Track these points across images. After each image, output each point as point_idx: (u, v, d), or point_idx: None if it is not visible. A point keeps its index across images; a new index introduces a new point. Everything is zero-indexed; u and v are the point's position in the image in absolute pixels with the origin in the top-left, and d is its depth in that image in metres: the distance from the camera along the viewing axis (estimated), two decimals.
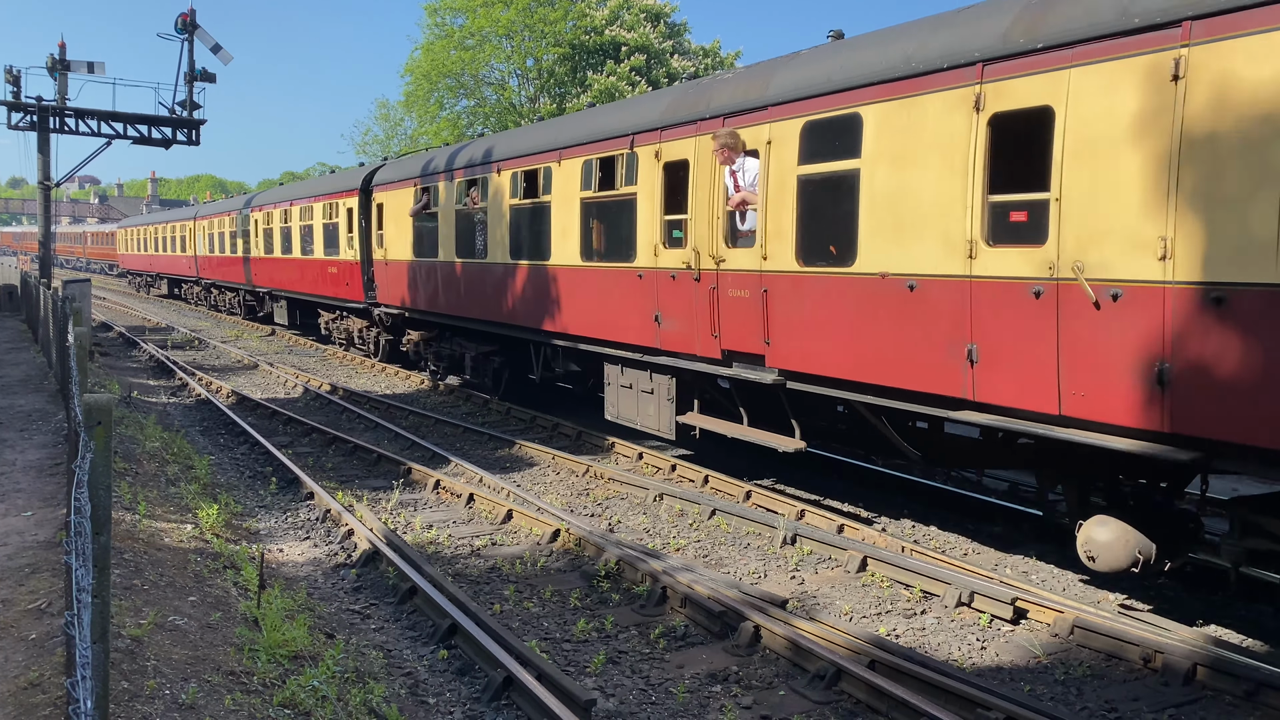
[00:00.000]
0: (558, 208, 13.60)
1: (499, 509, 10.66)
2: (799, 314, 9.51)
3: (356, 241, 21.48)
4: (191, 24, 28.44)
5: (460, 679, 6.70)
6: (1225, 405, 6.16)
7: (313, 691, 5.79)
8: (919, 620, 7.79)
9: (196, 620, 6.67)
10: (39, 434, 11.94)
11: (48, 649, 5.57)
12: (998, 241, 7.54)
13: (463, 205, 16.39)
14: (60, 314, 13.51)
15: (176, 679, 5.53)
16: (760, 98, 9.96)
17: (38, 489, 9.31)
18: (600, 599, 8.27)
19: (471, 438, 14.90)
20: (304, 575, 8.84)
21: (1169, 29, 6.38)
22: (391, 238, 19.69)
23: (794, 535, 9.59)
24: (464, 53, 41.57)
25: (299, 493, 11.56)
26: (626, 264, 12.13)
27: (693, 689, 6.56)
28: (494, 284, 15.56)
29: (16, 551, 7.40)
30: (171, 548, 8.39)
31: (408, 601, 8.04)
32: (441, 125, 42.99)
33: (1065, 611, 7.44)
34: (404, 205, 18.83)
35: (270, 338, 30.10)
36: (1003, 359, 7.48)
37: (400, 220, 19.14)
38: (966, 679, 6.33)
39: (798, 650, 6.84)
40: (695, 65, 40.17)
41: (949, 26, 8.20)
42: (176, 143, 30.47)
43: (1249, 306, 6.00)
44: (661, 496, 11.23)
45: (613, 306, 12.49)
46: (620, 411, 12.81)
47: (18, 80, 28.34)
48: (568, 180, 13.34)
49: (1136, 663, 6.84)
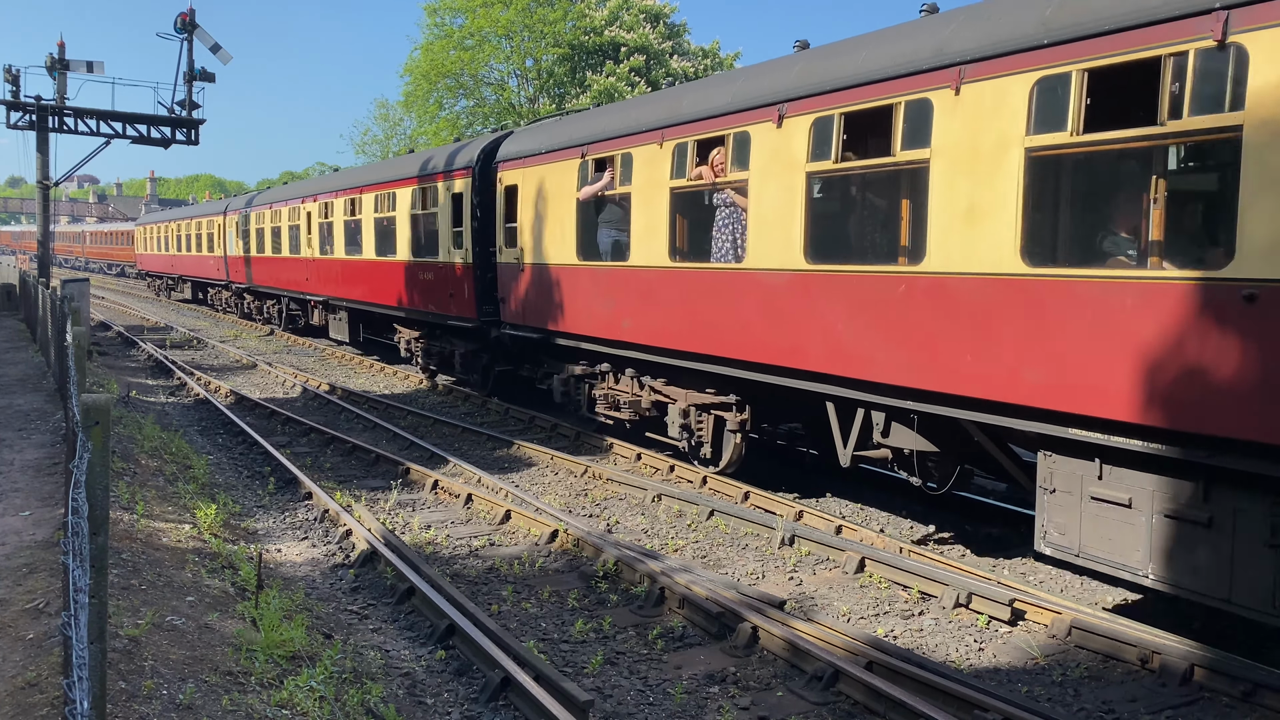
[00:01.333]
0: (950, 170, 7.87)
1: (497, 509, 10.65)
2: None
3: (468, 239, 16.34)
4: (191, 23, 28.42)
5: (458, 679, 6.70)
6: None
7: (310, 692, 5.79)
8: (917, 621, 7.79)
9: (194, 620, 6.67)
10: (37, 433, 11.93)
11: (45, 649, 5.57)
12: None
13: (690, 181, 10.95)
14: (59, 313, 13.50)
15: (174, 679, 5.52)
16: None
17: (35, 488, 9.31)
18: (598, 600, 8.27)
19: (470, 438, 14.90)
20: (302, 575, 8.83)
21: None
22: (534, 232, 14.30)
23: (792, 536, 9.59)
24: (463, 53, 41.57)
25: (297, 492, 11.55)
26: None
27: (690, 690, 6.56)
28: (765, 305, 9.89)
29: (14, 551, 7.39)
30: (169, 547, 8.39)
31: (405, 602, 8.03)
32: (441, 125, 43.00)
33: (1063, 613, 7.44)
34: (560, 186, 13.59)
35: (269, 338, 30.07)
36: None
37: (554, 208, 13.82)
38: (964, 680, 6.33)
39: (795, 651, 6.84)
40: (694, 66, 40.20)
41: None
42: (175, 142, 30.45)
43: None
44: (660, 497, 11.23)
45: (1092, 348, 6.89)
46: (1083, 545, 7.29)
47: (17, 79, 28.32)
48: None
49: (1134, 664, 6.84)
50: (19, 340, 23.03)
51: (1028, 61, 7.23)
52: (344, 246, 22.76)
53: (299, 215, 26.04)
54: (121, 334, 29.74)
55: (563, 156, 13.61)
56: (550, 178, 13.91)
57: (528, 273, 14.60)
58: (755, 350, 10.10)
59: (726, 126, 10.39)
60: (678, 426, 12.03)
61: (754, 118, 10.00)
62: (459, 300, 16.93)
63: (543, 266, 14.11)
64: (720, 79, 12.67)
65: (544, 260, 14.05)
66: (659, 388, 12.37)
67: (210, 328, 33.19)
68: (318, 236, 24.43)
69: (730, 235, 10.50)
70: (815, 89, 9.25)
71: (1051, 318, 7.09)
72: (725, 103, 10.54)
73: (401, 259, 19.39)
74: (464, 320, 16.96)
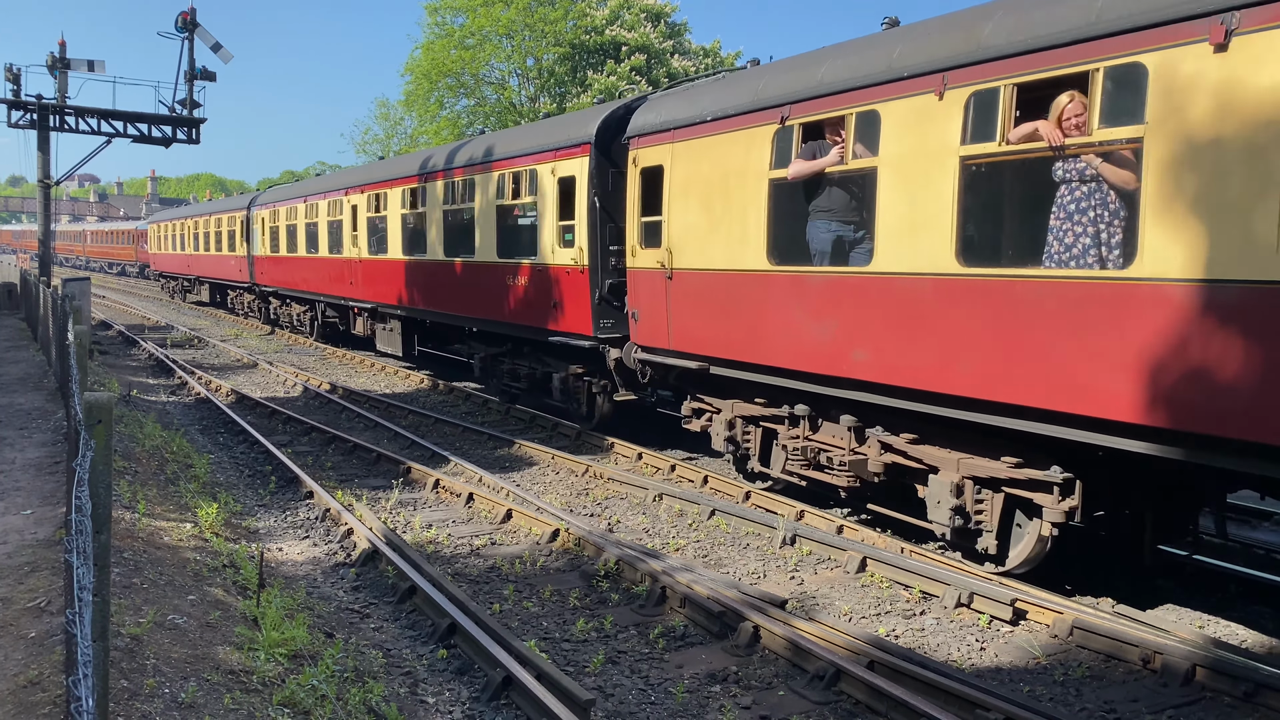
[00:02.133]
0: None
1: (498, 508, 10.65)
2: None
3: (583, 235, 13.22)
4: (192, 22, 28.44)
5: (459, 678, 6.70)
6: None
7: (312, 690, 5.79)
8: (918, 621, 7.79)
9: (196, 619, 6.67)
10: (39, 432, 11.94)
11: (47, 647, 5.57)
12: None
13: (1005, 147, 7.53)
14: (60, 312, 13.50)
15: (176, 678, 5.53)
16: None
17: (37, 487, 9.31)
18: (600, 599, 8.27)
19: (471, 437, 14.90)
20: (303, 574, 8.83)
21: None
22: (691, 227, 10.93)
23: (793, 535, 9.59)
24: (464, 52, 41.56)
25: (298, 492, 11.55)
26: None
27: (692, 689, 6.56)
28: (1178, 337, 6.48)
29: (16, 550, 7.40)
30: (171, 546, 8.39)
31: (407, 601, 8.04)
32: (442, 124, 43.00)
33: (1064, 613, 7.44)
34: (736, 165, 10.21)
35: (270, 336, 30.07)
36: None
37: (727, 194, 10.35)
38: (966, 680, 6.33)
39: (797, 650, 6.84)
40: (695, 65, 40.18)
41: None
42: (176, 141, 30.47)
43: None
44: (661, 496, 11.23)
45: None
46: None
47: (18, 78, 28.33)
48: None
49: (1136, 664, 6.84)
50: (20, 339, 23.03)
51: None
52: (402, 245, 19.36)
53: (341, 209, 22.80)
54: (122, 333, 29.75)
55: (743, 123, 10.13)
56: (719, 154, 10.46)
57: (679, 281, 11.15)
58: (1141, 407, 6.65)
59: (1092, 57, 6.80)
60: (945, 508, 8.54)
61: (1163, 38, 6.39)
62: (568, 312, 13.68)
63: (705, 273, 10.75)
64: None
65: (706, 264, 10.68)
66: (906, 447, 8.95)
67: (211, 327, 33.19)
68: (366, 233, 21.20)
69: (1092, 225, 7.12)
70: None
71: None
72: (1087, 20, 6.87)
73: (482, 260, 16.11)
74: (572, 337, 13.67)
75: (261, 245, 29.91)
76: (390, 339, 20.99)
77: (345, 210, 22.51)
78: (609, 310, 13.12)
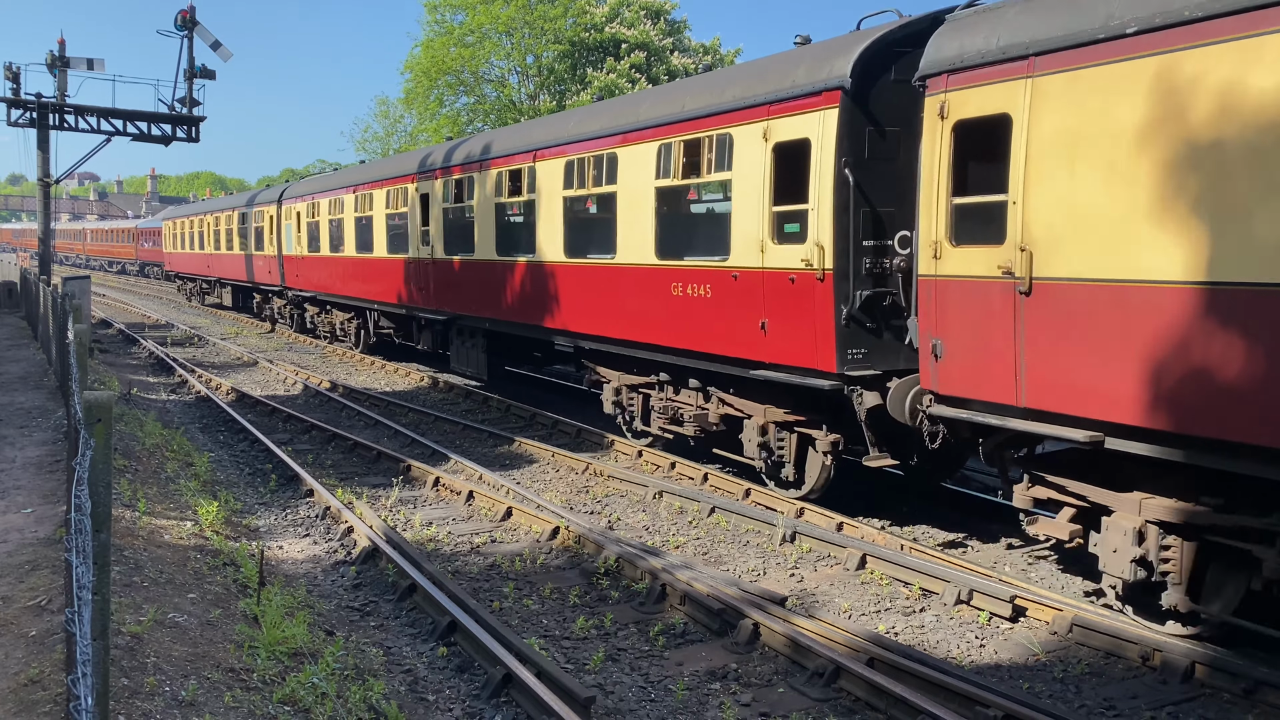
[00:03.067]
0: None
1: (499, 506, 10.66)
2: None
3: (822, 226, 9.34)
4: (191, 20, 28.43)
5: (460, 676, 6.71)
6: None
7: (312, 689, 5.80)
8: (918, 618, 7.80)
9: (196, 617, 6.68)
10: (39, 431, 11.94)
11: (48, 646, 5.58)
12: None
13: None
14: (60, 311, 13.51)
15: (176, 676, 5.53)
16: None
17: (37, 486, 9.31)
18: (600, 596, 8.27)
19: (471, 435, 14.90)
20: (304, 572, 8.84)
21: None
22: (1072, 212, 7.21)
23: (793, 533, 9.59)
24: (464, 50, 41.51)
25: (299, 490, 11.56)
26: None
27: (692, 686, 6.57)
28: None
29: (16, 548, 7.40)
30: (171, 545, 8.40)
31: (407, 599, 8.04)
32: (442, 122, 42.94)
33: (1064, 610, 7.45)
34: (1193, 105, 6.40)
35: (270, 335, 30.08)
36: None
37: (1162, 157, 6.59)
38: (965, 677, 6.34)
39: (797, 648, 6.85)
40: (695, 63, 40.16)
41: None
42: (176, 139, 30.47)
43: None
44: (661, 494, 11.23)
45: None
46: None
47: (17, 77, 28.34)
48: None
49: (1135, 660, 6.85)
50: (20, 338, 23.03)
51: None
52: (495, 244, 15.69)
53: (402, 199, 19.30)
54: (123, 331, 29.76)
55: (1206, 34, 6.33)
56: (1139, 93, 6.70)
57: (1050, 298, 7.39)
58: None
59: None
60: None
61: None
62: (788, 335, 9.86)
63: (1118, 288, 6.91)
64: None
65: (1123, 273, 6.87)
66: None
67: (211, 325, 33.20)
68: (441, 229, 17.66)
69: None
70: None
71: None
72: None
73: (626, 262, 12.29)
74: (795, 372, 9.85)
75: (296, 243, 26.31)
76: (470, 356, 17.43)
77: (410, 200, 18.92)
78: (860, 335, 9.37)
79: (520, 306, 15.14)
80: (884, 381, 9.33)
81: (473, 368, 17.49)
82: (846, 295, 9.36)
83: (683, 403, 12.19)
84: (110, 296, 46.90)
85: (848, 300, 9.35)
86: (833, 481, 10.52)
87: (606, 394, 13.65)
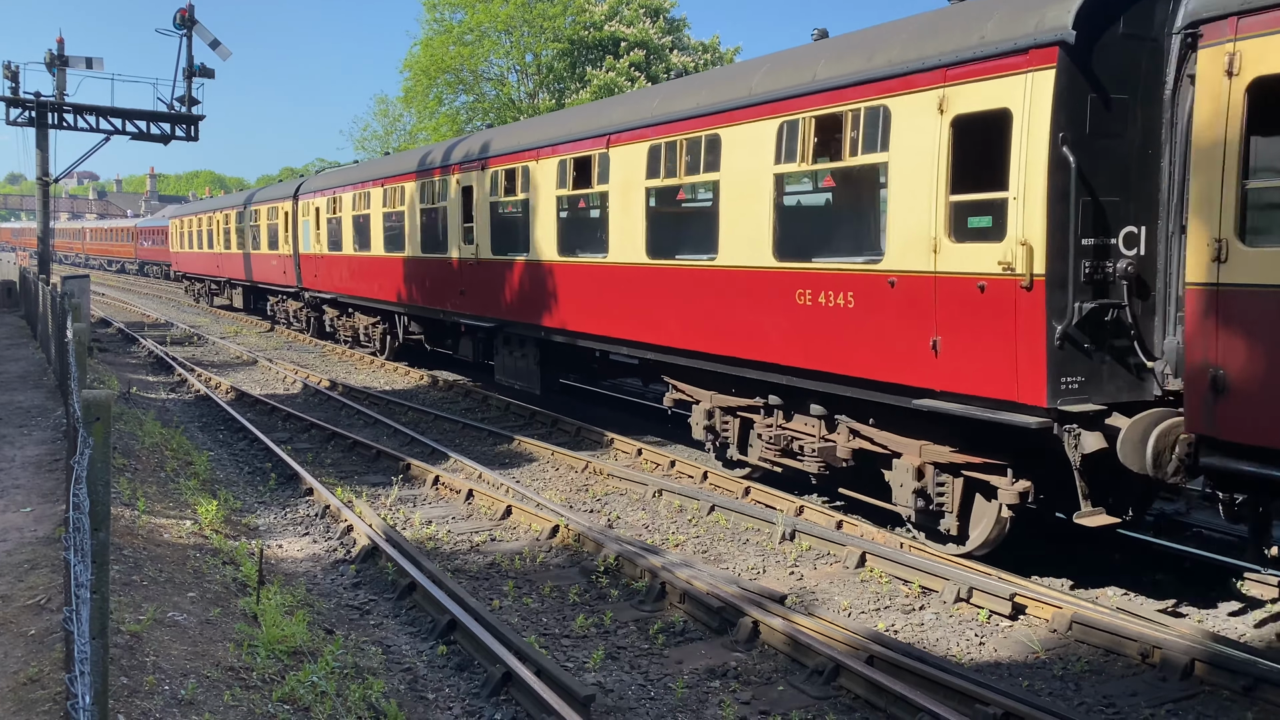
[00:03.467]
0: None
1: (498, 505, 10.66)
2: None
3: (1031, 217, 7.45)
4: (190, 19, 28.40)
5: (459, 674, 6.71)
6: None
7: (312, 687, 5.80)
8: (918, 616, 7.80)
9: (196, 616, 6.68)
10: (38, 430, 11.94)
11: (47, 644, 5.58)
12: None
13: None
14: (59, 310, 13.50)
15: (175, 675, 5.53)
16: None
17: (37, 485, 9.31)
18: (599, 595, 8.27)
19: (470, 434, 14.90)
20: (303, 571, 8.84)
21: None
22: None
23: (793, 531, 9.59)
24: (463, 48, 41.51)
25: (298, 488, 11.56)
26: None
27: (692, 684, 6.57)
28: None
29: (15, 547, 7.40)
30: (171, 543, 8.40)
31: (407, 597, 8.04)
32: (441, 121, 42.95)
33: (1063, 607, 7.45)
34: None
35: (269, 334, 30.07)
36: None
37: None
38: (965, 674, 6.33)
39: (796, 646, 6.85)
40: (694, 61, 40.14)
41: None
42: (175, 138, 30.43)
43: None
44: (661, 492, 11.23)
45: None
46: None
47: (16, 76, 28.31)
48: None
49: (1135, 658, 6.85)
50: (19, 337, 23.02)
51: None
52: (556, 243, 13.91)
53: (444, 191, 17.41)
54: (122, 330, 29.76)
55: None
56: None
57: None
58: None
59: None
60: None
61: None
62: (975, 357, 7.97)
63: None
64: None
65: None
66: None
67: (210, 324, 33.19)
68: (488, 225, 15.81)
69: None
70: None
71: None
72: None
73: (739, 265, 10.31)
74: (985, 405, 7.93)
75: (313, 241, 24.62)
76: (518, 368, 15.81)
77: (450, 194, 17.07)
78: (1077, 358, 7.49)
79: (583, 314, 13.39)
80: (1103, 418, 7.50)
81: (522, 380, 15.70)
82: (1063, 308, 7.38)
83: (800, 432, 10.22)
84: (109, 295, 46.89)
85: (1064, 314, 7.37)
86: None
87: (696, 416, 11.83)
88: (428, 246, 18.38)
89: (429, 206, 18.22)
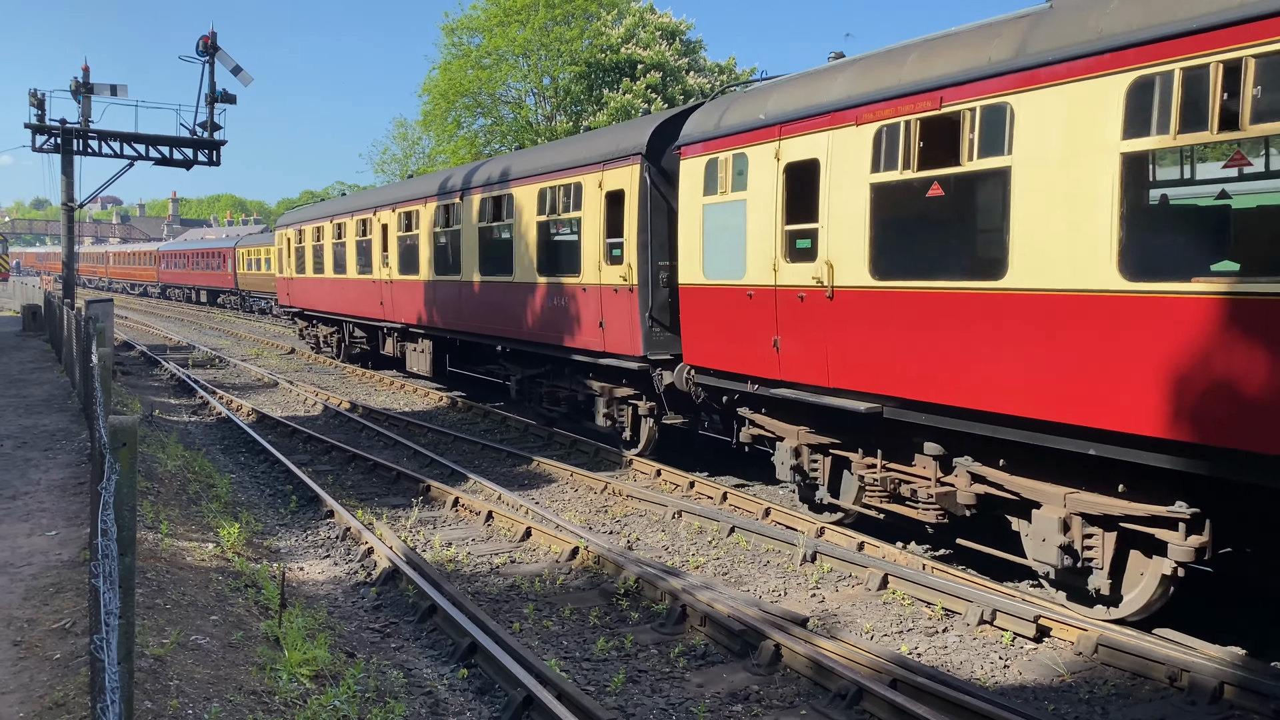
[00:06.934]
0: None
1: (518, 526, 10.66)
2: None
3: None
4: (213, 46, 28.77)
5: (480, 698, 6.70)
6: None
7: (334, 711, 5.80)
8: (941, 638, 7.73)
9: (218, 639, 6.70)
10: (63, 453, 12.04)
11: (72, 669, 5.61)
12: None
13: None
14: (84, 334, 13.64)
15: (199, 698, 5.55)
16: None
17: (62, 508, 9.39)
18: (620, 617, 8.25)
19: (490, 455, 14.92)
20: (324, 594, 8.86)
21: None
22: None
23: (814, 553, 9.54)
24: (481, 72, 41.85)
25: (319, 511, 11.60)
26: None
27: (713, 708, 6.53)
28: None
29: (41, 570, 7.46)
30: (193, 566, 8.44)
31: (427, 620, 8.04)
32: (459, 144, 43.27)
33: (1089, 629, 7.36)
34: None
35: (290, 356, 30.26)
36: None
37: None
38: (989, 698, 6.27)
39: (819, 669, 6.80)
40: (711, 82, 40.31)
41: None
42: (198, 163, 30.78)
43: None
44: (680, 514, 11.20)
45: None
46: None
47: (42, 103, 28.75)
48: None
49: (1163, 681, 6.76)
50: (44, 360, 23.26)
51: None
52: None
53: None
54: (144, 353, 30.02)
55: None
56: None
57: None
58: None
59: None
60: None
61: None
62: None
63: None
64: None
65: None
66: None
67: (232, 346, 33.44)
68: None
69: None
70: None
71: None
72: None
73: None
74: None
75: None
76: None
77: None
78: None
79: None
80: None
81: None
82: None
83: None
84: (132, 319, 47.33)
85: None
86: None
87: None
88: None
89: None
